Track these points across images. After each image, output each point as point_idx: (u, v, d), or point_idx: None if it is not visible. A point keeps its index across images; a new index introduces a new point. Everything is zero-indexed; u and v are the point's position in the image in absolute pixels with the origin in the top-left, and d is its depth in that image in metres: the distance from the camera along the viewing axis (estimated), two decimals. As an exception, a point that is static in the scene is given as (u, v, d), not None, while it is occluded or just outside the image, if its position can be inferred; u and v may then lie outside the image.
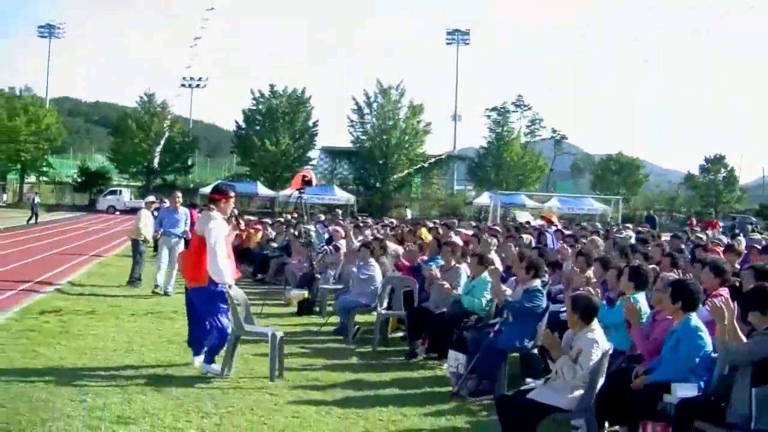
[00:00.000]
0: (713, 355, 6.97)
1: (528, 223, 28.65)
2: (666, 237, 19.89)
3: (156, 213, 18.36)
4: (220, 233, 9.68)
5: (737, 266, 11.50)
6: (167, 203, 18.91)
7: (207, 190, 62.54)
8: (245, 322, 9.88)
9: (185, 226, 17.40)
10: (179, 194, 18.09)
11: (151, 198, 19.99)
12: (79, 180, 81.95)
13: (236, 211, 11.64)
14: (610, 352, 7.11)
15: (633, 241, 16.75)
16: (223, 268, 9.54)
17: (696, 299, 7.26)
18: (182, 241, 17.18)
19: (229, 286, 9.69)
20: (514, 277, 10.48)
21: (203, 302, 9.78)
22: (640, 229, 24.05)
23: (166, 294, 16.48)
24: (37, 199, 48.50)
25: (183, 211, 17.65)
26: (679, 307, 7.17)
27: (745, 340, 6.41)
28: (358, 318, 12.97)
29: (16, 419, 7.22)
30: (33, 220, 44.30)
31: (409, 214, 51.92)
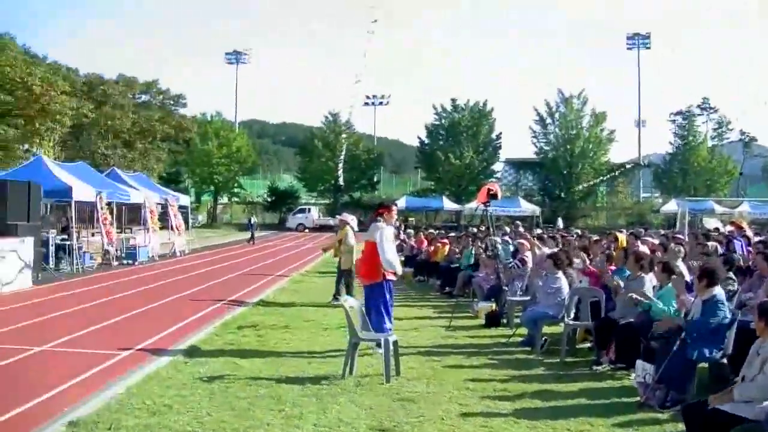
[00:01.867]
0: None
1: (716, 229, 27.73)
2: None
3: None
4: (385, 234, 12.03)
5: None
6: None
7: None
8: (362, 329, 10.58)
9: None
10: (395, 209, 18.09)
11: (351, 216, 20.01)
12: (269, 199, 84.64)
13: (396, 222, 13.01)
14: None
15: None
16: (392, 259, 12.03)
17: None
18: None
19: (395, 274, 12.34)
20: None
21: (373, 295, 12.05)
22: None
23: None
24: (254, 220, 50.22)
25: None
26: None
27: None
28: (546, 329, 12.92)
29: (221, 427, 7.65)
30: (251, 240, 46.50)
31: (560, 223, 50.86)
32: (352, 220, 19.14)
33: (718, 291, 9.21)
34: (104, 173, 34.00)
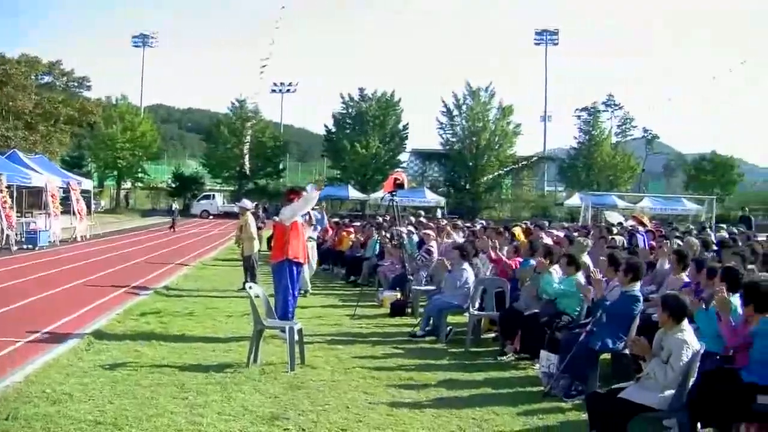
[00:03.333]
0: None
1: (620, 224, 28.21)
2: (762, 237, 19.57)
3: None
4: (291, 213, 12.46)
5: None
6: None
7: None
8: (267, 316, 10.69)
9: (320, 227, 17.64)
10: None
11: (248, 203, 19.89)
12: (173, 185, 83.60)
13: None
14: (702, 351, 6.97)
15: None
16: (290, 214, 12.45)
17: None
18: (314, 243, 17.33)
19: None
20: (605, 278, 10.45)
21: (277, 275, 12.38)
22: (734, 229, 23.50)
23: (305, 294, 16.88)
24: (175, 206, 49.18)
25: (314, 214, 17.68)
26: (753, 309, 7.14)
27: None
28: (451, 319, 12.96)
29: (123, 415, 7.52)
30: (173, 227, 45.44)
31: (439, 213, 51.21)
32: (251, 206, 19.06)
33: (638, 287, 9.38)
34: (4, 155, 33.10)
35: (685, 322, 7.08)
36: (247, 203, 19.07)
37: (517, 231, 18.65)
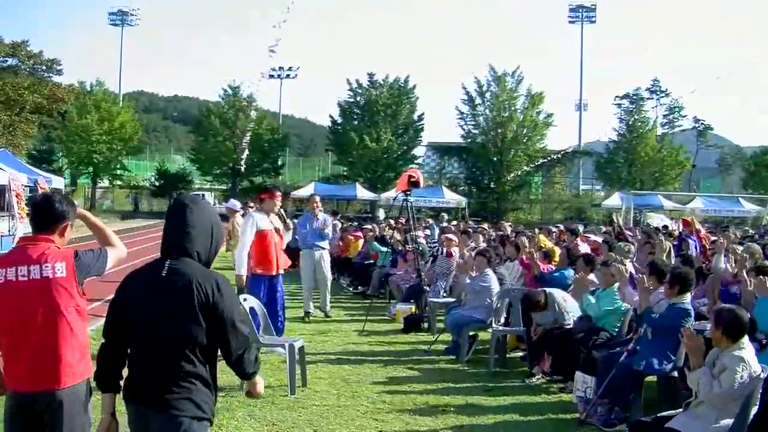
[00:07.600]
0: None
1: (666, 227, 28.04)
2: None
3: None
4: (249, 229, 12.09)
5: None
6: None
7: (299, 192, 63.36)
8: (264, 333, 10.78)
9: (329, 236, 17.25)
10: (318, 198, 17.43)
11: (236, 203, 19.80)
12: (157, 184, 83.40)
13: (282, 210, 13.14)
14: (764, 376, 6.74)
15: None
16: (241, 260, 12.11)
17: None
18: (327, 254, 17.04)
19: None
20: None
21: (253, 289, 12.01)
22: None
23: (326, 316, 16.66)
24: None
25: (323, 218, 17.08)
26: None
27: None
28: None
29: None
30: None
31: (381, 214, 50.30)
32: (241, 207, 19.00)
33: (689, 300, 9.25)
34: (-39, 149, 33.14)
35: (745, 340, 6.88)
36: (235, 204, 18.98)
37: (542, 238, 18.34)
